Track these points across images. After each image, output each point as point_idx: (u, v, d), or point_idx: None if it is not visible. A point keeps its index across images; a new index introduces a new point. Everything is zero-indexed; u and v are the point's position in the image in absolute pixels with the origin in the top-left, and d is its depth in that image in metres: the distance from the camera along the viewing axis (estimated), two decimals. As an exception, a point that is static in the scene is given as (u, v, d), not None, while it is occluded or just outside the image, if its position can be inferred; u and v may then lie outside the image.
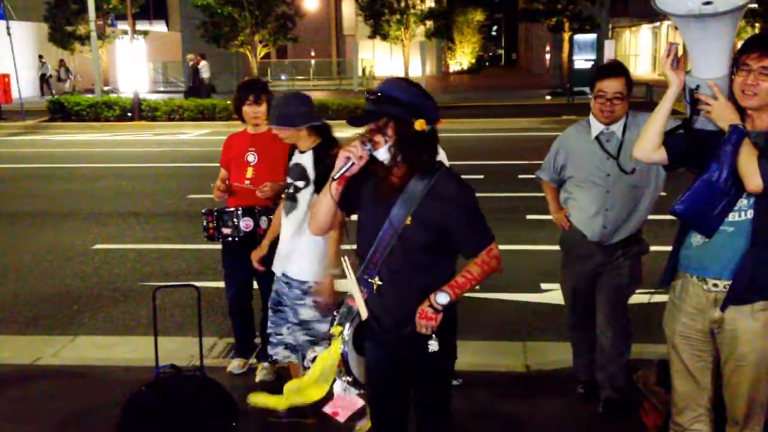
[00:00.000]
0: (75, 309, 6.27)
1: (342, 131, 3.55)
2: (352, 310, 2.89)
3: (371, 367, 2.95)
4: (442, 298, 2.67)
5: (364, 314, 2.84)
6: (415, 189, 2.70)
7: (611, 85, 3.81)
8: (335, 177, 2.72)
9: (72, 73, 31.75)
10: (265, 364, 4.71)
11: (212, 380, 3.90)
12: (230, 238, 4.41)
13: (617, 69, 3.92)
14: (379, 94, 2.66)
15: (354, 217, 2.98)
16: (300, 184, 3.86)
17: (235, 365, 4.81)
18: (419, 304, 2.69)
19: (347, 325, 2.88)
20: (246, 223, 4.40)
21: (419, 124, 2.66)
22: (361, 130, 2.72)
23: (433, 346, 2.73)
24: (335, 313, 2.97)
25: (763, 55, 2.67)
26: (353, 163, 2.68)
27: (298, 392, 2.98)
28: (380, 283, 2.79)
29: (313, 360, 2.94)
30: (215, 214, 4.42)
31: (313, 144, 3.89)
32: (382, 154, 2.68)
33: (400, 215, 2.71)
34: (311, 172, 3.85)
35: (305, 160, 3.88)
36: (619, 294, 4.06)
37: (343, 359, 2.86)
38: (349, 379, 2.90)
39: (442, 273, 2.76)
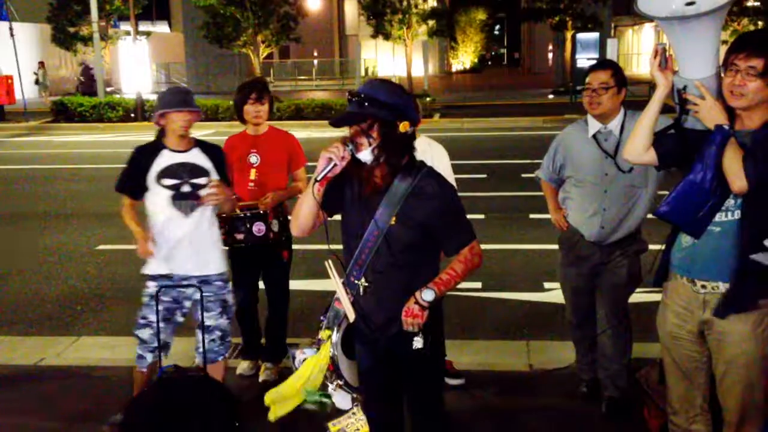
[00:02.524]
0: (78, 309, 6.29)
1: (331, 132, 3.53)
2: (339, 312, 2.89)
3: (362, 368, 2.95)
4: (428, 295, 2.68)
5: (351, 316, 2.83)
6: (399, 189, 2.71)
7: (596, 77, 3.87)
8: (318, 178, 2.70)
9: (49, 79, 31.33)
10: (269, 365, 4.73)
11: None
12: (243, 244, 4.40)
13: (603, 63, 4.04)
14: (363, 95, 2.65)
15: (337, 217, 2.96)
16: (202, 180, 3.87)
17: (245, 367, 4.81)
18: (405, 303, 2.70)
19: (335, 329, 2.88)
20: (258, 228, 4.39)
21: (403, 126, 2.67)
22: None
23: (419, 342, 2.74)
24: (323, 318, 2.95)
25: (750, 55, 2.62)
26: (335, 164, 2.67)
27: (281, 397, 2.96)
28: (367, 284, 2.80)
29: (303, 362, 2.93)
30: (228, 219, 4.39)
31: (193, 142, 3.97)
32: (366, 156, 2.68)
33: (384, 216, 2.71)
34: (210, 167, 3.91)
35: (197, 157, 3.91)
36: (619, 293, 4.06)
37: (333, 363, 2.86)
38: (340, 382, 2.89)
39: (427, 272, 2.77)
